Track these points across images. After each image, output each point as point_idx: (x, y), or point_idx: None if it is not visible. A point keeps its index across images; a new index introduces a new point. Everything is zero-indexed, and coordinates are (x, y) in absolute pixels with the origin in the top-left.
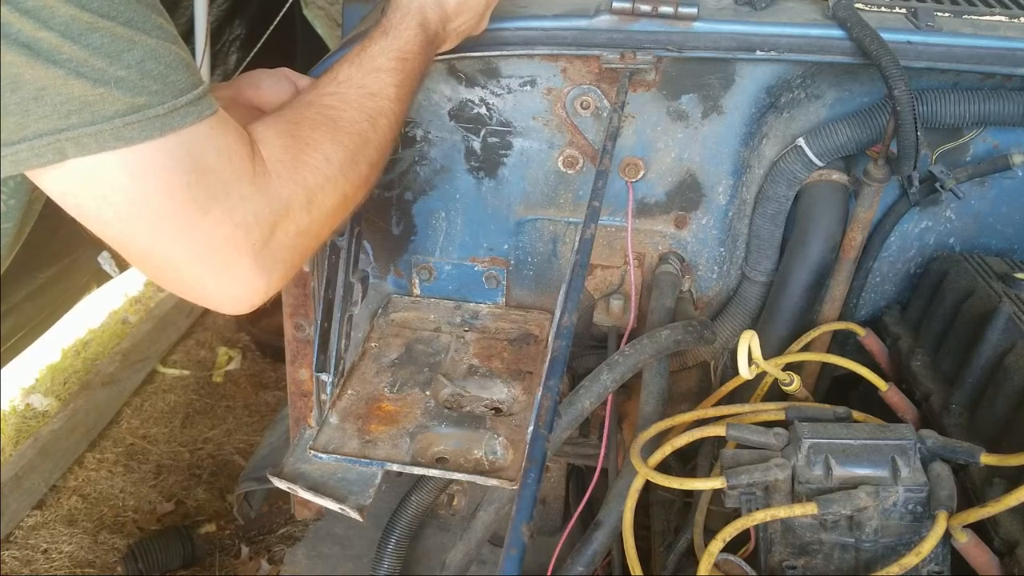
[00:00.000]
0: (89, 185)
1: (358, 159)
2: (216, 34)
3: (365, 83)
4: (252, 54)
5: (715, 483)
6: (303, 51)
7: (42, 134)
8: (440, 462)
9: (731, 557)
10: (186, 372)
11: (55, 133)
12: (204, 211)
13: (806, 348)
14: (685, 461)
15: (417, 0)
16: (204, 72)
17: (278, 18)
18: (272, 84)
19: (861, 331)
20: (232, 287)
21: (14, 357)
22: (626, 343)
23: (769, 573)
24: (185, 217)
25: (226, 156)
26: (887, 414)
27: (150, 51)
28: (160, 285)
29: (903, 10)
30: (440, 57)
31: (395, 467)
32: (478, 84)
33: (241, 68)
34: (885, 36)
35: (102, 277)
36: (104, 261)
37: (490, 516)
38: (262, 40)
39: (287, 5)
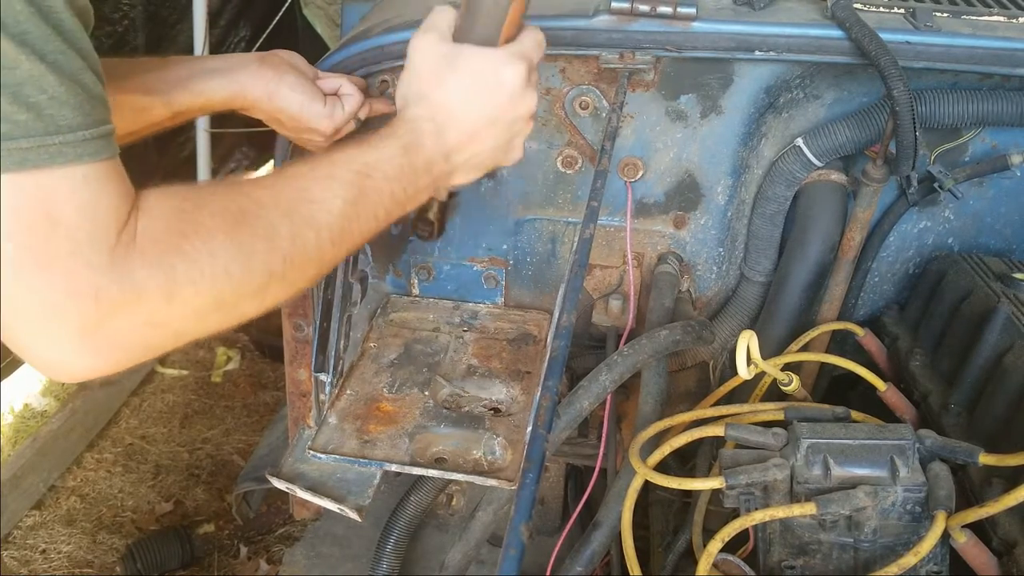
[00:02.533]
0: None
1: (254, 264)
2: (223, 36)
3: (308, 186)
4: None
5: (714, 483)
6: (303, 51)
7: None
8: (439, 462)
9: (730, 557)
10: (185, 372)
11: None
12: (40, 266)
13: (805, 348)
14: (684, 461)
15: (411, 122)
16: None
17: (277, 17)
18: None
19: (860, 331)
20: (52, 356)
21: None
22: (625, 343)
23: (768, 573)
24: (18, 265)
25: (87, 215)
26: (886, 414)
27: (33, 77)
28: None
29: (902, 10)
30: None
31: (394, 467)
32: None
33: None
34: (884, 36)
35: None
36: None
37: (489, 516)
38: (261, 40)
39: (286, 5)
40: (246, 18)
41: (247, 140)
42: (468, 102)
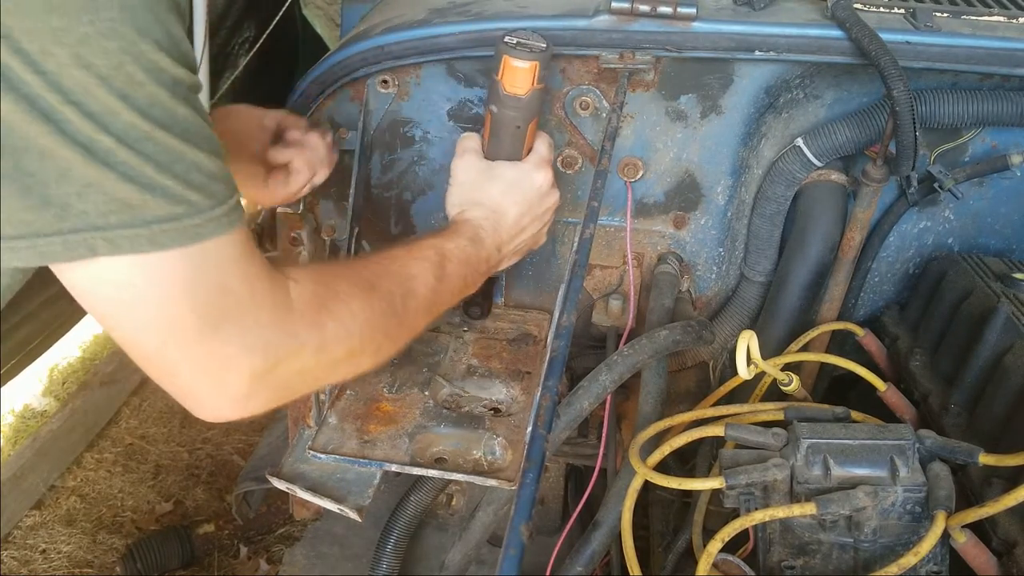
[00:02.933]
0: (110, 285)
1: (379, 325)
2: (228, 38)
3: (408, 265)
4: (251, 54)
5: (714, 483)
6: (304, 52)
7: (78, 229)
8: (439, 462)
9: (730, 557)
10: None
11: (92, 230)
12: (215, 328)
13: (805, 348)
14: (684, 461)
15: (472, 221)
16: (203, 73)
17: (277, 17)
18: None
19: (860, 331)
20: (220, 403)
21: (32, 362)
22: (625, 343)
23: (768, 573)
24: (198, 331)
25: (249, 277)
26: (886, 414)
27: (196, 163)
28: (154, 380)
29: (902, 10)
30: (440, 57)
31: (394, 467)
32: (477, 84)
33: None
34: (884, 36)
35: None
36: None
37: (489, 516)
38: (261, 39)
39: (287, 5)
40: (250, 19)
41: None
42: (512, 204)
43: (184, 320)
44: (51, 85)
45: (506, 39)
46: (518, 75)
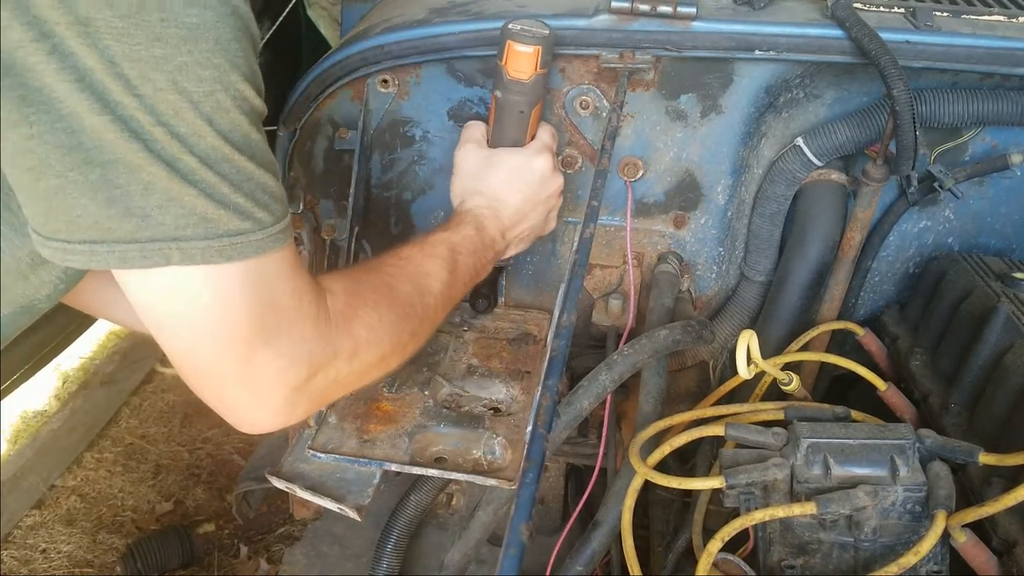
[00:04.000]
0: (178, 294)
1: (404, 326)
2: None
3: (422, 262)
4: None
5: (714, 483)
6: (306, 52)
7: (155, 239)
8: (439, 462)
9: (730, 556)
10: None
11: (168, 240)
12: (267, 341)
13: (805, 348)
14: (684, 461)
15: (473, 210)
16: None
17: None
18: None
19: (860, 331)
20: (261, 413)
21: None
22: (625, 343)
23: (768, 573)
24: (251, 345)
25: (298, 296)
26: (886, 414)
27: (262, 183)
28: (194, 391)
29: (902, 10)
30: (440, 57)
31: (394, 467)
32: (477, 84)
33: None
34: (884, 36)
35: None
36: None
37: (489, 516)
38: (264, 39)
39: (290, 5)
40: (263, 21)
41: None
42: (513, 191)
43: (241, 331)
44: (145, 107)
45: (510, 25)
46: (521, 60)
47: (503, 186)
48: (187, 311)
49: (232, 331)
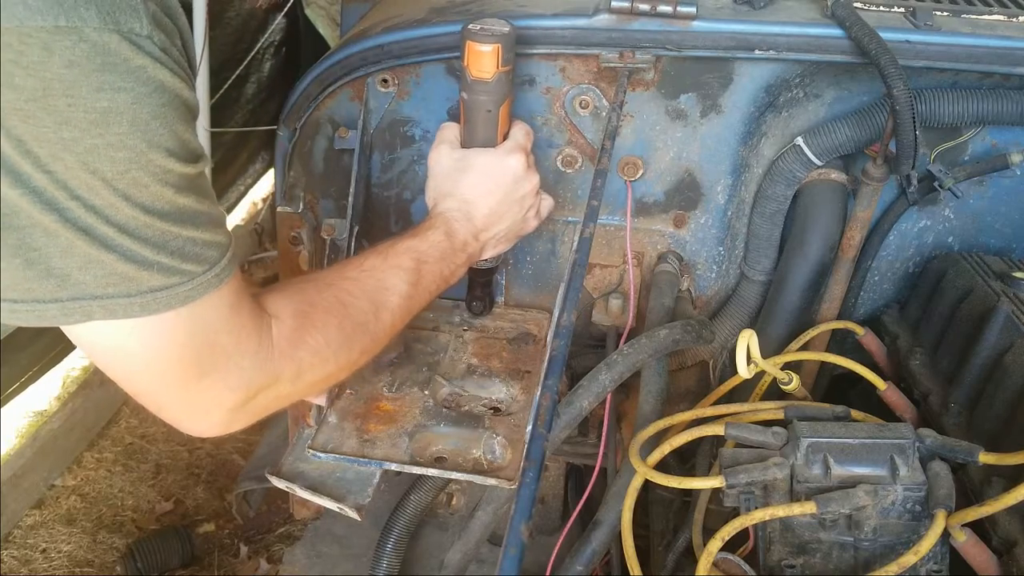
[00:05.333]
0: (105, 345)
1: (353, 345)
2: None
3: (383, 277)
4: (251, 55)
5: (714, 482)
6: (305, 52)
7: (76, 298)
8: (439, 461)
9: (730, 556)
10: None
11: (89, 299)
12: (201, 375)
13: (805, 347)
14: (684, 460)
15: (444, 214)
16: (203, 75)
17: (280, 17)
18: None
19: (860, 330)
20: (201, 427)
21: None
22: (625, 342)
23: (768, 572)
24: (185, 380)
25: (235, 333)
26: (886, 413)
27: (191, 239)
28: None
29: (902, 9)
30: (440, 56)
31: (394, 466)
32: None
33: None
34: (884, 35)
35: None
36: None
37: (489, 515)
38: (263, 39)
39: (288, 5)
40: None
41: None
42: (484, 192)
43: (173, 372)
44: (57, 183)
45: (469, 26)
46: (482, 59)
47: (474, 188)
48: (118, 357)
49: (164, 371)
